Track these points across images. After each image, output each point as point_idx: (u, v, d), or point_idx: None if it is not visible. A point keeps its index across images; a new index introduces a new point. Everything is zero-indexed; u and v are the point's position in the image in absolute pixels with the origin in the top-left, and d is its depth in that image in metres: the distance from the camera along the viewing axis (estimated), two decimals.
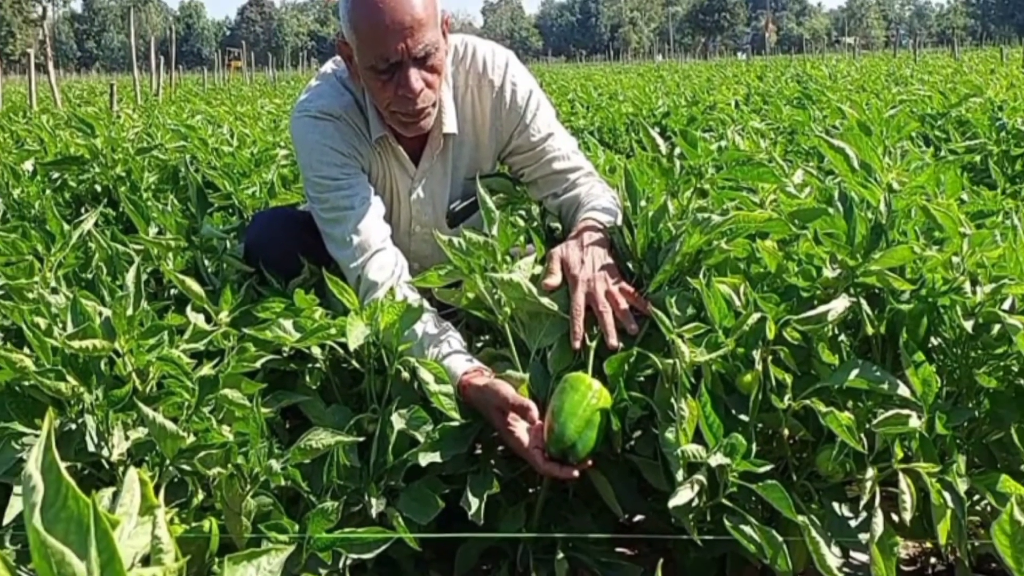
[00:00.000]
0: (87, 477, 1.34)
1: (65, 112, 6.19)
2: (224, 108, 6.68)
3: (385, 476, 1.45)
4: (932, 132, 3.64)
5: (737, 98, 6.06)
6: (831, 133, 3.14)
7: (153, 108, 7.51)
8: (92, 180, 2.78)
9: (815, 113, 4.15)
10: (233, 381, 1.40)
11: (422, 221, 1.92)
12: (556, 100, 7.11)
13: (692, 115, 5.08)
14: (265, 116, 5.55)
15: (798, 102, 5.43)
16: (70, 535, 0.56)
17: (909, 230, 1.50)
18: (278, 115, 5.68)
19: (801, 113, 4.10)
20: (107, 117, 4.81)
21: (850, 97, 5.36)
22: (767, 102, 5.84)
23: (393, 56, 1.62)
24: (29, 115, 6.10)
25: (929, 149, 3.13)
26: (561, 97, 7.70)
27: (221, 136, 3.41)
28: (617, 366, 1.45)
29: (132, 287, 1.45)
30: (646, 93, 7.55)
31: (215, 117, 5.06)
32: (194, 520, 1.28)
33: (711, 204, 1.70)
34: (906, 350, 1.34)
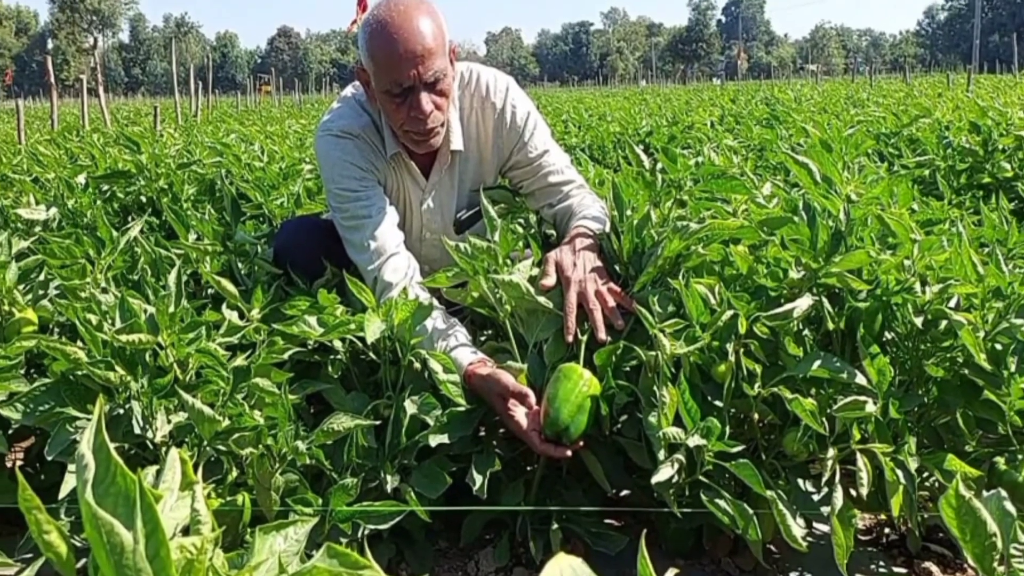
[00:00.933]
0: (133, 457, 1.34)
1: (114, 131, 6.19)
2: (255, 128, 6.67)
3: (399, 455, 1.45)
4: (886, 149, 3.63)
5: (712, 119, 6.05)
6: (796, 150, 3.15)
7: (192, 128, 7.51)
8: (138, 192, 2.78)
9: (782, 132, 4.14)
10: (263, 371, 1.40)
11: (432, 228, 1.92)
12: (551, 120, 7.10)
13: (672, 134, 5.07)
14: (292, 135, 5.55)
15: (767, 122, 5.42)
16: (118, 508, 0.55)
17: (866, 236, 1.50)
18: (303, 134, 5.68)
19: (769, 132, 4.10)
20: (151, 136, 4.80)
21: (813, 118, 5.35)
22: (739, 122, 5.84)
23: (406, 81, 1.62)
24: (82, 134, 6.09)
25: (884, 164, 3.12)
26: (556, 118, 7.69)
27: (253, 153, 3.41)
28: (605, 357, 1.45)
29: (173, 287, 1.45)
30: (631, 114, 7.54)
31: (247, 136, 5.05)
32: (229, 495, 1.29)
33: (689, 213, 1.70)
34: (863, 343, 1.34)
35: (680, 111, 7.76)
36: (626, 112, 7.97)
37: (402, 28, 1.59)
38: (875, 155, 3.54)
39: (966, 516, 0.70)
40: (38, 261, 1.75)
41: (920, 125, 3.97)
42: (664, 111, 7.87)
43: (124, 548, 0.52)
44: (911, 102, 6.82)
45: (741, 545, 1.51)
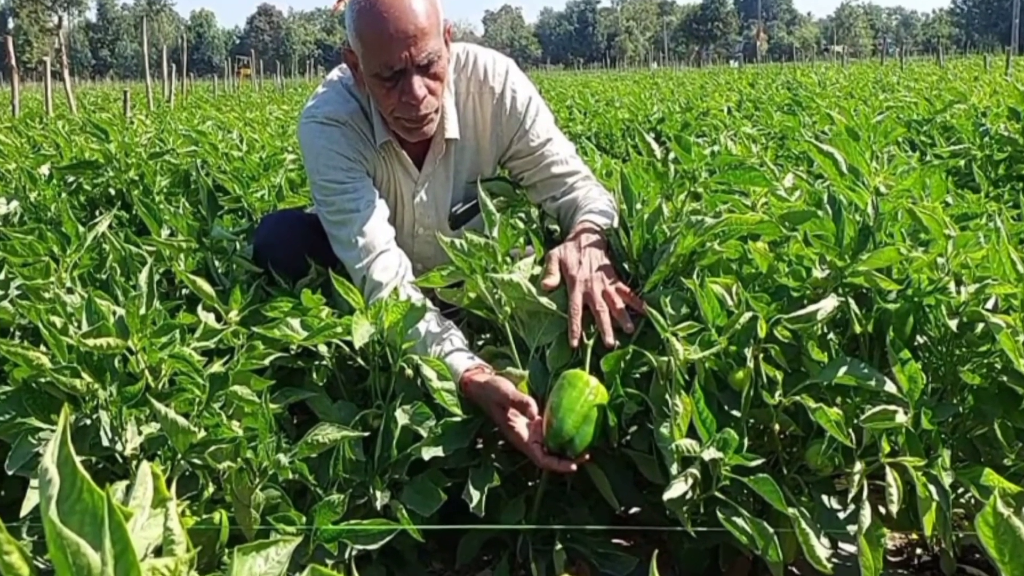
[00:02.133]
0: (101, 471, 1.34)
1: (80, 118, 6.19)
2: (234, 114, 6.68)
3: (389, 470, 1.45)
4: (918, 137, 3.64)
5: (729, 104, 6.06)
6: (820, 138, 3.14)
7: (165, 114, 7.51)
8: (106, 184, 2.78)
9: (805, 119, 4.14)
10: (242, 378, 1.40)
11: (425, 223, 1.92)
12: (554, 106, 7.11)
13: (686, 121, 5.08)
14: (273, 122, 5.55)
15: (788, 108, 5.43)
16: (85, 527, 0.56)
17: (896, 232, 1.49)
18: (286, 121, 5.68)
19: (791, 119, 4.10)
20: (121, 123, 4.81)
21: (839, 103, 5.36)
22: (758, 108, 5.84)
23: (397, 64, 1.62)
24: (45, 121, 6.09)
25: (915, 154, 3.13)
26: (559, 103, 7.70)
27: (231, 141, 3.41)
28: (613, 363, 1.45)
29: (145, 287, 1.45)
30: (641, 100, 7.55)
31: (225, 123, 5.06)
32: (205, 512, 1.29)
33: (704, 207, 1.70)
34: (893, 348, 1.34)
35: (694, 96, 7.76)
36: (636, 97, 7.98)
37: (393, 6, 1.59)
38: (906, 144, 3.54)
39: (1004, 535, 0.70)
40: None
41: (955, 111, 3.98)
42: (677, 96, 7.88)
43: (91, 570, 0.52)
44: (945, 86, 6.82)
45: (760, 567, 1.51)
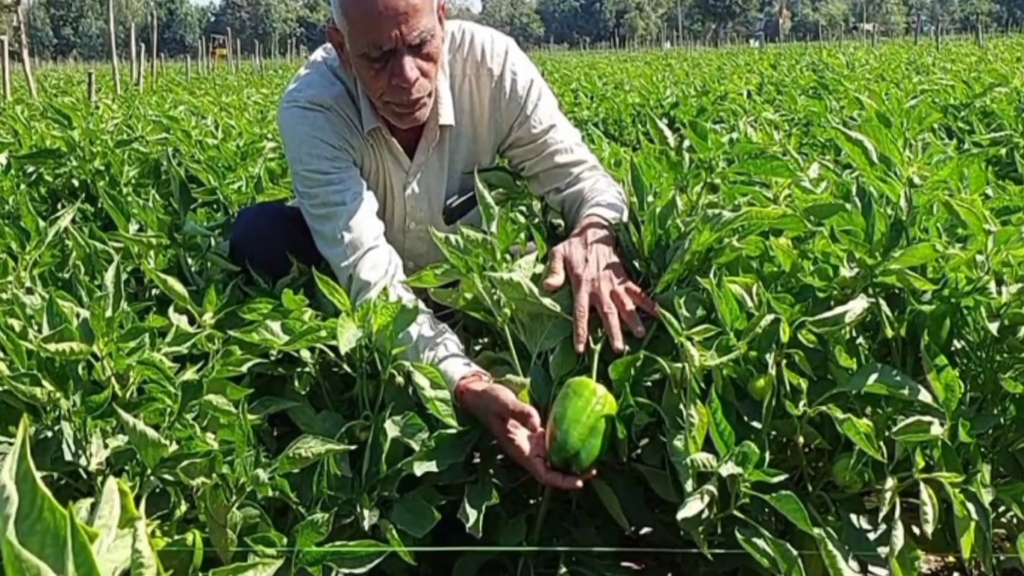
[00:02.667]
0: (64, 487, 1.34)
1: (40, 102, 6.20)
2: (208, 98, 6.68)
3: (378, 486, 1.45)
4: (955, 124, 3.64)
5: (749, 88, 6.06)
6: (849, 125, 3.15)
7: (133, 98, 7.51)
8: (69, 174, 2.78)
9: (832, 104, 4.15)
10: (218, 386, 1.40)
11: (417, 217, 1.92)
12: (559, 90, 7.11)
13: (702, 106, 5.08)
14: (252, 107, 5.56)
15: (814, 92, 5.43)
16: (46, 548, 0.55)
17: (931, 227, 1.49)
18: (265, 106, 5.68)
19: (817, 104, 4.10)
20: (85, 108, 4.81)
21: (868, 87, 5.36)
22: (781, 92, 5.84)
23: (386, 43, 1.62)
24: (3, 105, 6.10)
25: (952, 141, 3.13)
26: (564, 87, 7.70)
27: (205, 128, 3.41)
28: (623, 370, 1.45)
29: (111, 287, 1.45)
30: (653, 82, 7.56)
31: (199, 108, 5.06)
32: (176, 533, 1.29)
33: (722, 199, 1.70)
34: (928, 353, 1.34)
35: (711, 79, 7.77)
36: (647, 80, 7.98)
37: None
38: (942, 130, 3.54)
39: None
40: None
41: (995, 95, 3.98)
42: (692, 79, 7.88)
43: None
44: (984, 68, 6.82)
45: None
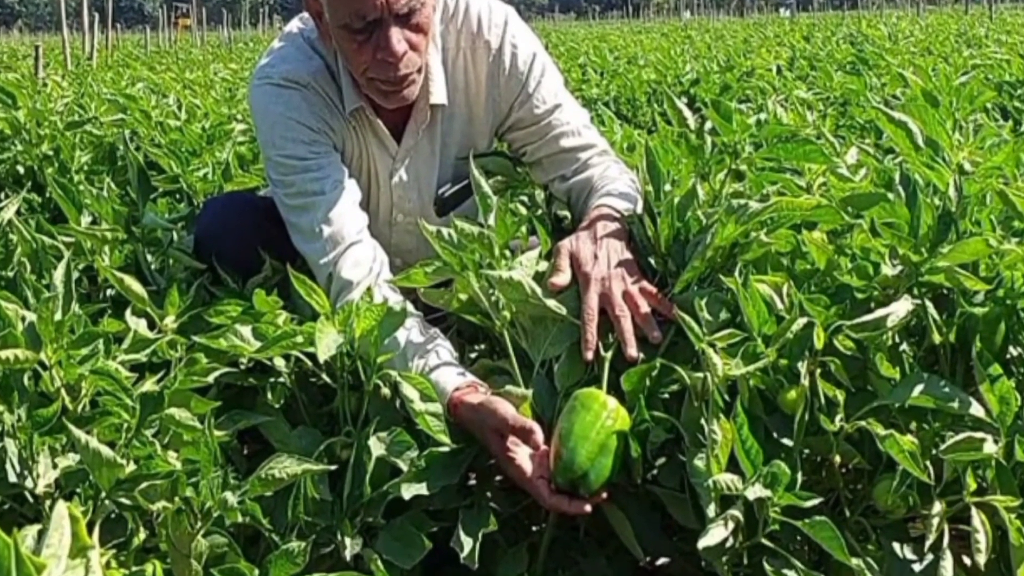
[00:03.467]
0: (7, 512, 1.34)
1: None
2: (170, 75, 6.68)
3: (361, 511, 1.45)
4: (1011, 103, 3.65)
5: (779, 63, 6.06)
6: (891, 104, 3.15)
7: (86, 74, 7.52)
8: (13, 160, 2.78)
9: (872, 81, 4.15)
10: (181, 399, 1.40)
11: (405, 209, 1.92)
12: (565, 65, 7.11)
13: (726, 83, 5.09)
14: (219, 84, 5.56)
15: (851, 67, 5.43)
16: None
17: (984, 219, 1.49)
18: (234, 83, 5.69)
19: (855, 81, 4.10)
20: (31, 85, 4.81)
21: (913, 62, 5.37)
22: (815, 68, 5.85)
23: (371, 13, 1.62)
24: None
25: (1007, 123, 3.13)
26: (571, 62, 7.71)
27: (167, 108, 3.42)
28: (637, 381, 1.45)
29: (61, 287, 1.45)
30: (671, 57, 7.56)
31: (159, 85, 5.06)
32: (135, 563, 1.29)
33: (749, 188, 1.70)
34: (980, 361, 1.34)
35: (736, 53, 7.77)
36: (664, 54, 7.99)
37: None
38: (996, 110, 3.54)
39: None
40: None
41: None
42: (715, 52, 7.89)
43: None
44: None
45: None
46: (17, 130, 2.77)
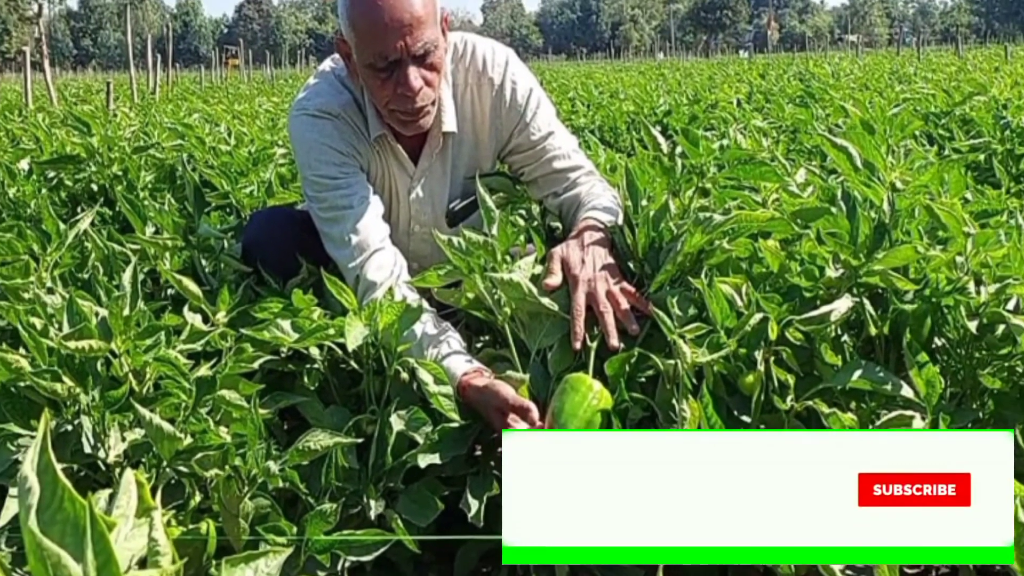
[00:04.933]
0: (83, 479, 1.34)
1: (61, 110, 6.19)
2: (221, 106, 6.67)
3: (384, 478, 1.45)
4: (936, 131, 3.64)
5: (739, 96, 6.06)
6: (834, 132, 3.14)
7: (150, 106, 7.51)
8: (88, 179, 2.78)
9: (818, 112, 4.14)
10: (231, 382, 1.40)
11: (421, 220, 1.92)
12: (556, 98, 7.10)
13: (694, 113, 5.08)
14: (263, 114, 5.55)
15: (801, 100, 5.42)
16: (66, 537, 0.56)
17: (913, 230, 1.49)
18: (276, 113, 5.68)
19: (804, 112, 4.10)
20: (103, 115, 4.81)
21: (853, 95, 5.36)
22: (769, 100, 5.84)
23: (392, 54, 1.62)
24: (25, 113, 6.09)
25: (933, 148, 3.12)
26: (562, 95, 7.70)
27: (218, 135, 3.41)
28: (618, 367, 1.45)
29: (129, 287, 1.45)
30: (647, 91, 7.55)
31: (212, 115, 5.06)
32: (191, 522, 1.29)
33: (713, 203, 1.70)
34: (910, 351, 1.34)
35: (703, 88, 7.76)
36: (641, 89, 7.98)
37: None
38: (923, 137, 3.54)
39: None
40: None
41: (974, 104, 3.97)
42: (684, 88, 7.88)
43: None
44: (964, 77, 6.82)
45: None
46: (91, 154, 2.77)
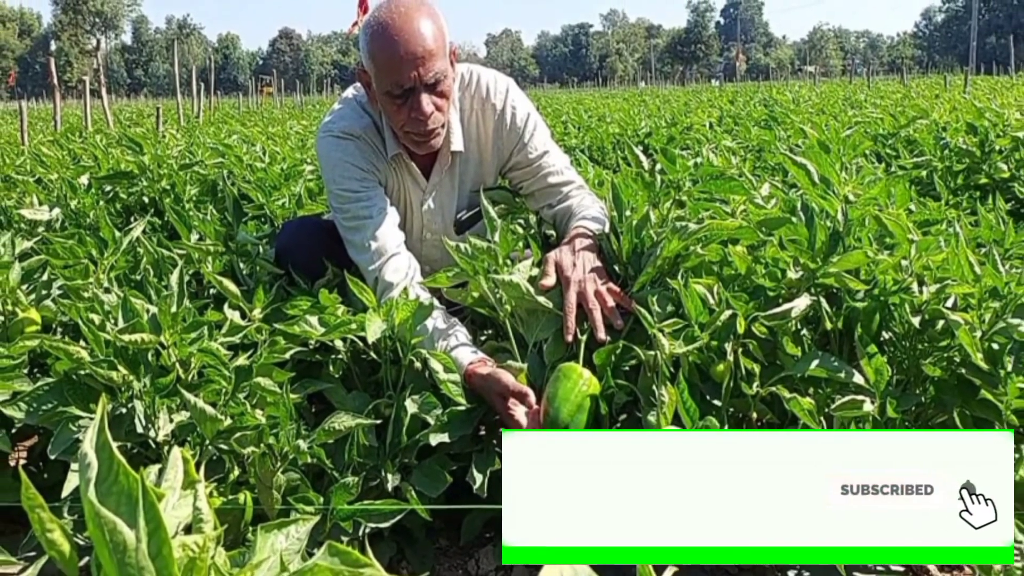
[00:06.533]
0: (136, 456, 1.34)
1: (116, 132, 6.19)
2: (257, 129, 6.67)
3: (400, 454, 1.45)
4: (884, 150, 3.64)
5: (711, 120, 6.05)
6: (794, 151, 3.14)
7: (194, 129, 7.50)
8: (140, 192, 2.78)
9: (780, 133, 4.14)
10: (265, 370, 1.40)
11: (432, 229, 1.92)
12: (551, 122, 7.10)
13: (671, 135, 5.08)
14: (293, 136, 5.55)
15: (765, 123, 5.42)
16: (121, 507, 0.56)
17: (863, 237, 1.49)
18: (305, 135, 5.67)
19: (768, 133, 4.10)
20: (154, 137, 4.80)
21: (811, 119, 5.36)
22: (737, 123, 5.83)
23: (407, 83, 1.62)
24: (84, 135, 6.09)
25: (881, 165, 3.12)
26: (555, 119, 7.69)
27: (254, 153, 3.41)
28: (605, 357, 1.45)
29: (176, 287, 1.45)
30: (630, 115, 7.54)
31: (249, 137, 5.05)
32: (231, 493, 1.29)
33: (688, 214, 1.70)
34: (860, 343, 1.34)
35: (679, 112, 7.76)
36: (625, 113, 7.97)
37: (403, 30, 1.59)
38: (873, 156, 3.54)
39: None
40: (41, 261, 1.75)
41: (917, 126, 3.97)
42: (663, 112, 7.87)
43: (127, 547, 0.52)
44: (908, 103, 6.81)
45: None
46: (143, 170, 2.77)
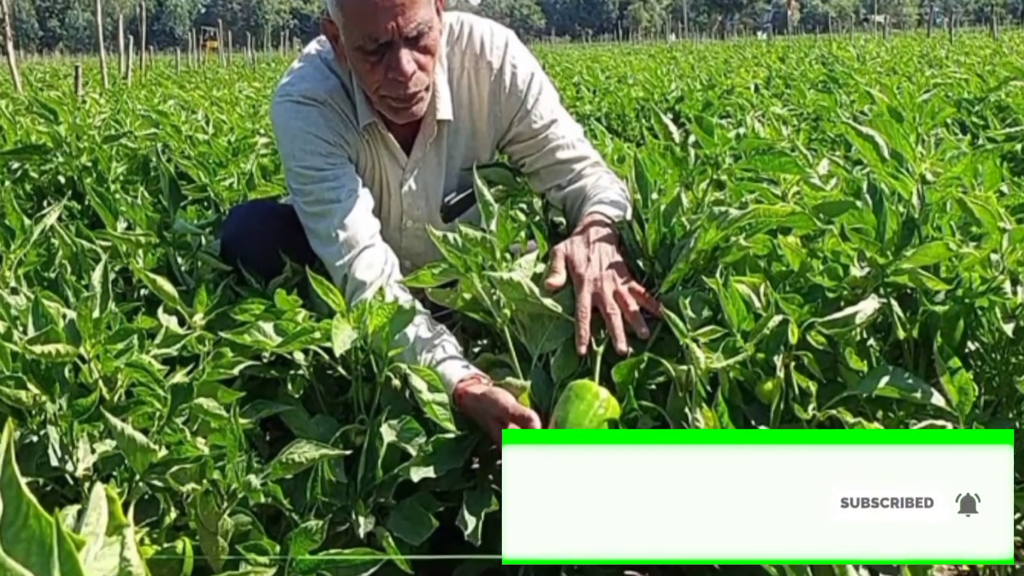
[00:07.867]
0: (50, 493, 1.34)
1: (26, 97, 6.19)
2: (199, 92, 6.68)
3: (374, 493, 1.45)
4: (969, 118, 3.64)
5: (757, 82, 6.06)
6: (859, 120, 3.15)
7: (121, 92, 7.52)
8: (55, 171, 2.78)
9: (842, 98, 4.15)
10: (208, 389, 1.40)
11: (414, 215, 1.92)
12: (560, 84, 7.11)
13: (708, 100, 5.09)
14: (243, 101, 5.55)
15: (823, 86, 5.43)
16: (31, 556, 0.56)
17: (944, 225, 1.50)
18: (258, 100, 5.68)
19: (826, 98, 4.11)
20: (71, 102, 4.81)
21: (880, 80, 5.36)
22: (789, 86, 5.85)
23: (383, 36, 1.62)
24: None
25: (966, 137, 3.12)
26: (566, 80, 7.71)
27: (195, 123, 3.41)
28: (626, 373, 1.45)
29: (99, 287, 1.45)
30: (658, 76, 7.56)
31: (189, 102, 5.06)
32: (166, 540, 1.29)
33: (729, 197, 1.70)
34: (941, 355, 1.34)
35: (717, 72, 7.77)
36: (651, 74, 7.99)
37: None
38: (955, 125, 3.54)
39: None
40: None
41: (1010, 89, 3.97)
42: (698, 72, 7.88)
43: None
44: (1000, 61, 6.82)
45: None
46: (59, 143, 2.77)
